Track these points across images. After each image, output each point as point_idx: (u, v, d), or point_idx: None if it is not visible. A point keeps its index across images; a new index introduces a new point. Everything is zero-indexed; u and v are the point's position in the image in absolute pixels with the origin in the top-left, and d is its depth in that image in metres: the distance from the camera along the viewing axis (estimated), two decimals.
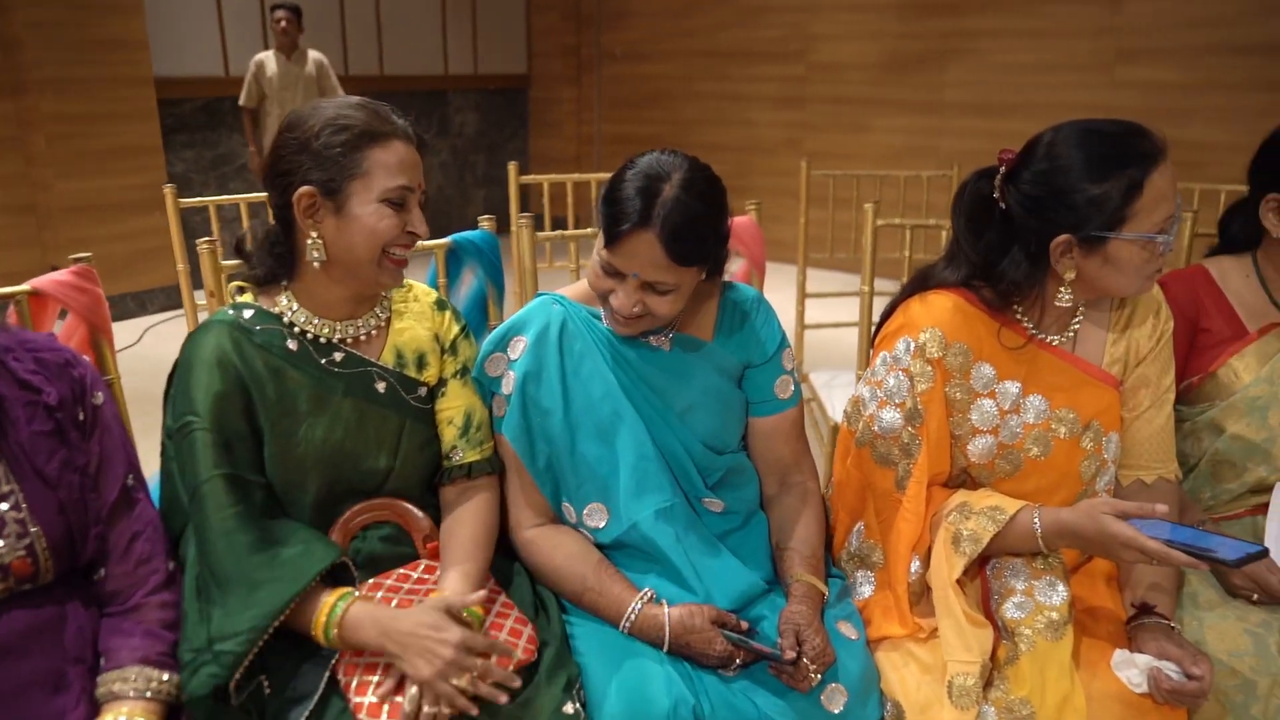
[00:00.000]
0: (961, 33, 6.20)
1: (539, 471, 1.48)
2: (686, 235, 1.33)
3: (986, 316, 1.47)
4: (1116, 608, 1.46)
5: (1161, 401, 1.50)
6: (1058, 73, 5.85)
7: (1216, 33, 5.23)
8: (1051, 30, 5.85)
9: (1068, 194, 1.34)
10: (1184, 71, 5.36)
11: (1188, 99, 5.33)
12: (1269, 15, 5.07)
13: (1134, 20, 5.52)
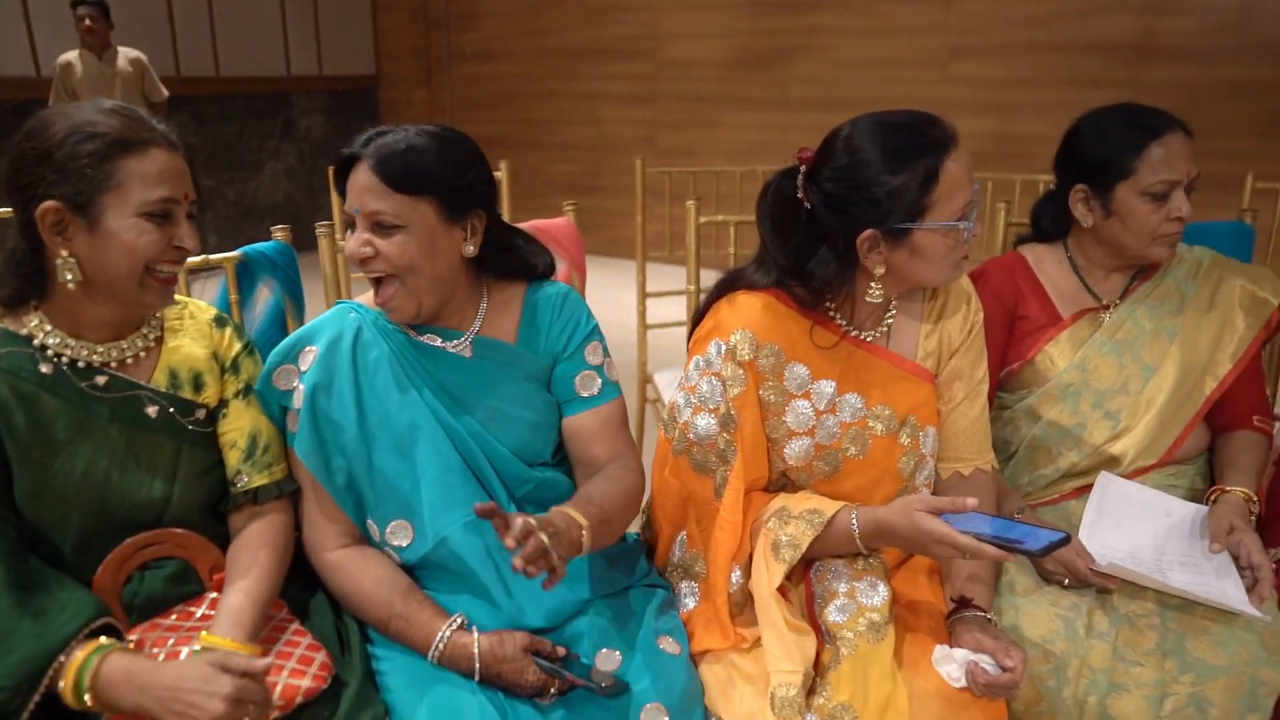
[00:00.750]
0: (806, 30, 6.31)
1: (339, 489, 1.38)
2: (396, 159, 1.30)
3: (799, 315, 1.44)
4: (938, 602, 1.45)
5: (975, 393, 1.51)
6: (897, 68, 6.02)
7: (1039, 31, 5.47)
8: (889, 28, 6.02)
9: (867, 188, 1.32)
10: (1011, 68, 5.59)
11: (1016, 93, 5.56)
12: (1085, 16, 5.33)
13: (963, 19, 5.73)
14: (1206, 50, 5.08)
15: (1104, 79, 5.33)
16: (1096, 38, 5.33)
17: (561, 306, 1.48)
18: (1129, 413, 1.63)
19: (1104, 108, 1.64)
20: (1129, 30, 5.26)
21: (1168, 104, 4.94)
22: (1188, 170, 1.56)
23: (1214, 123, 5.11)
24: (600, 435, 1.47)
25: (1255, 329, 1.64)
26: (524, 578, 1.35)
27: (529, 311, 1.47)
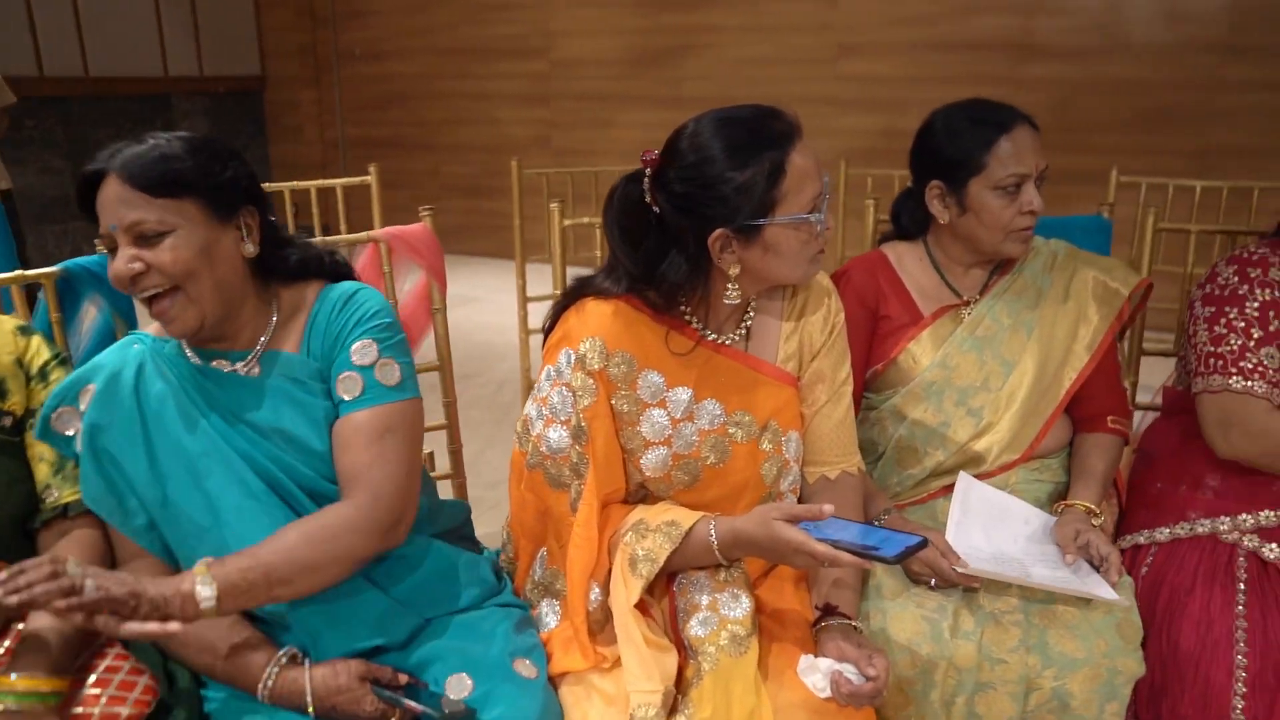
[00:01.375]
0: (698, 28, 6.32)
1: (139, 531, 1.28)
2: (147, 164, 1.22)
3: (652, 321, 1.39)
4: (805, 611, 1.42)
5: (839, 395, 1.49)
6: (786, 66, 6.08)
7: (924, 30, 5.58)
8: (779, 26, 6.07)
9: (714, 186, 1.28)
10: (898, 66, 5.69)
11: (904, 91, 5.65)
12: (967, 15, 5.45)
13: (850, 18, 5.81)
14: (1079, 49, 5.25)
15: (986, 76, 5.45)
16: (978, 36, 5.46)
17: (344, 305, 1.36)
18: (991, 409, 1.63)
19: (954, 104, 1.64)
20: (1008, 29, 5.40)
21: (1044, 100, 5.12)
22: (1036, 164, 1.56)
23: (1086, 118, 5.30)
24: (351, 445, 1.29)
25: (1108, 320, 1.66)
26: (347, 603, 1.30)
27: (314, 317, 1.37)
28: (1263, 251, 1.63)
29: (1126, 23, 5.14)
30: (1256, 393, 1.55)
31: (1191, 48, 5.02)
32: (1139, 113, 5.17)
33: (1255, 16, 4.87)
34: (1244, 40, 4.91)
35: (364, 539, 1.26)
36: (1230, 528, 1.61)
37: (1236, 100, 4.91)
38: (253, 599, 1.18)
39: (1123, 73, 5.17)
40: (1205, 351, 1.61)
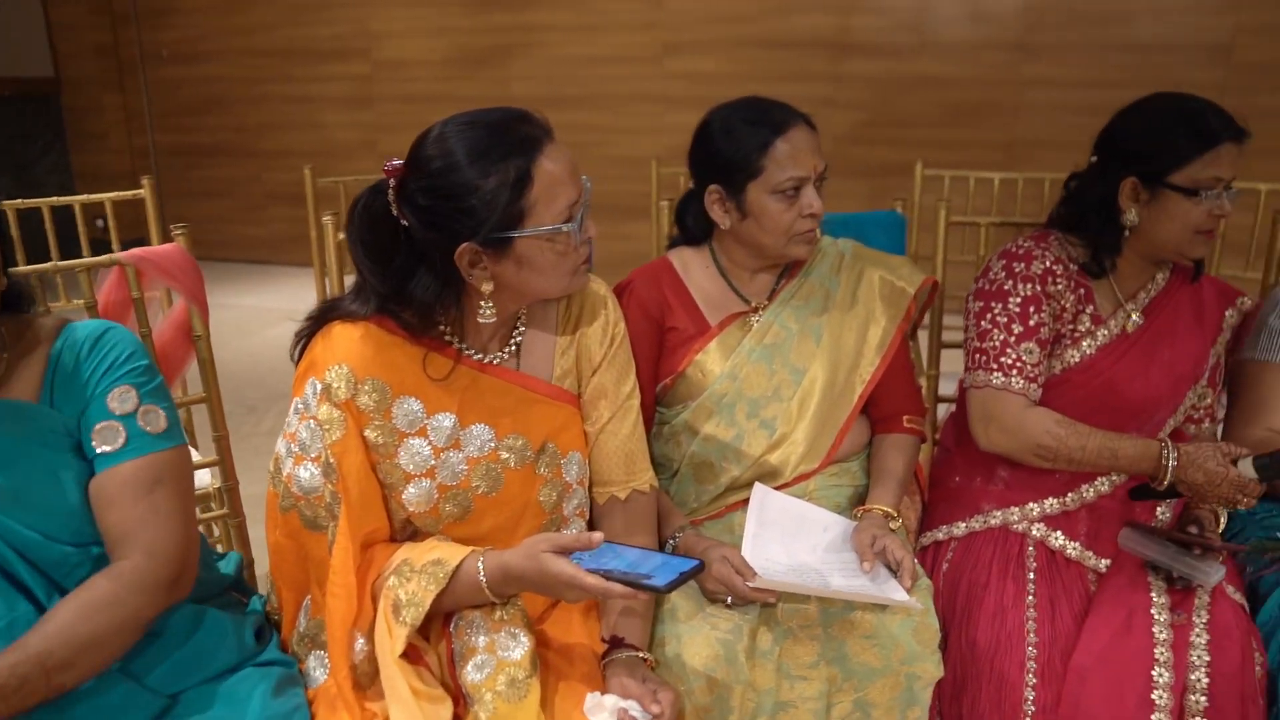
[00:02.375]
0: (523, 27, 6.20)
1: None
2: None
3: (408, 343, 1.27)
4: (595, 643, 1.34)
5: (624, 410, 1.41)
6: (614, 65, 6.03)
7: (746, 28, 5.63)
8: (604, 24, 6.01)
9: (457, 197, 1.17)
10: (722, 63, 5.72)
11: (728, 88, 5.53)
12: (787, 13, 5.53)
13: (674, 16, 5.81)
14: (893, 47, 5.40)
15: (806, 73, 5.55)
16: (799, 34, 5.54)
17: (92, 348, 1.21)
18: (784, 420, 1.58)
19: (730, 103, 1.59)
20: (826, 27, 5.50)
21: (863, 96, 5.22)
22: (815, 165, 1.52)
23: (903, 114, 5.46)
24: (118, 502, 1.16)
25: (896, 320, 1.64)
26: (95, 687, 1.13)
27: (55, 362, 1.20)
28: (1028, 245, 1.64)
29: (935, 22, 5.32)
30: (1014, 389, 1.57)
31: (993, 46, 5.24)
32: (951, 108, 5.37)
33: (1048, 17, 5.12)
34: (1039, 40, 5.16)
35: (149, 599, 1.14)
36: (1020, 518, 1.63)
37: (1037, 96, 5.16)
38: (28, 697, 1.03)
39: (934, 70, 5.35)
40: (972, 347, 1.62)
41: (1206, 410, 1.73)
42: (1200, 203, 1.52)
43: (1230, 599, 1.51)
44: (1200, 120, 1.51)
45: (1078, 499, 1.62)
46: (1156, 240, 1.59)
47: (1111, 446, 1.53)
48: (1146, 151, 1.55)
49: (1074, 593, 1.54)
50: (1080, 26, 5.10)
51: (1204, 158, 1.51)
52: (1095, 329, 1.63)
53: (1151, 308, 1.65)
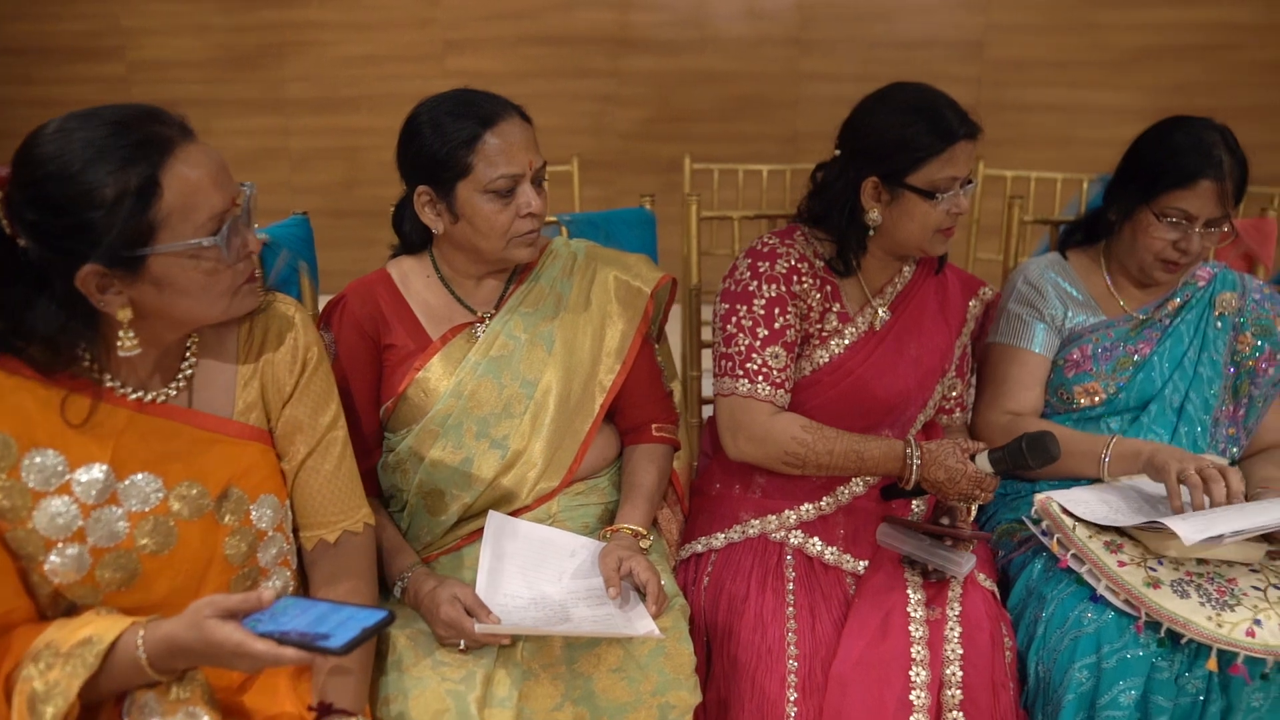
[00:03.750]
0: (294, 25, 5.83)
1: None
2: None
3: (43, 386, 1.06)
4: (305, 711, 1.17)
5: (326, 444, 1.24)
6: (395, 64, 5.77)
7: (528, 24, 5.49)
8: (380, 22, 5.74)
9: (71, 210, 0.97)
10: (505, 60, 5.57)
11: (512, 86, 5.39)
12: (568, 9, 5.43)
13: (452, 13, 5.61)
14: (673, 43, 5.41)
15: (590, 70, 5.48)
16: (579, 30, 5.46)
17: None
18: (517, 437, 1.45)
19: (440, 95, 1.45)
20: (607, 23, 5.45)
21: (646, 92, 5.17)
22: (529, 161, 1.40)
23: (686, 109, 5.48)
24: None
25: (635, 321, 1.55)
26: None
27: None
28: (773, 243, 1.59)
29: (714, 18, 5.36)
30: (760, 395, 1.51)
31: (771, 42, 5.34)
32: (733, 102, 5.43)
33: (820, 13, 5.26)
34: (813, 35, 5.30)
35: None
36: (778, 526, 1.57)
37: (814, 89, 5.29)
38: None
39: (715, 65, 5.39)
40: (719, 352, 1.55)
41: (957, 401, 1.74)
42: (939, 204, 1.50)
43: (981, 588, 1.50)
44: (936, 120, 1.48)
45: (834, 502, 1.58)
46: (899, 239, 1.56)
47: (858, 449, 1.49)
48: (885, 153, 1.50)
49: (834, 599, 1.49)
50: (849, 23, 5.26)
51: (940, 158, 1.48)
52: (843, 327, 1.59)
53: (898, 302, 1.63)
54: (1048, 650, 1.43)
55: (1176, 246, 1.60)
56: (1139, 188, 1.62)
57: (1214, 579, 1.38)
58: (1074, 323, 1.72)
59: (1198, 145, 1.57)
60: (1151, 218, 1.61)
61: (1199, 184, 1.56)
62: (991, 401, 1.72)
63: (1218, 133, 1.60)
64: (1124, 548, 1.43)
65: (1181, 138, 1.59)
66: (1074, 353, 1.70)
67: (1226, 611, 1.33)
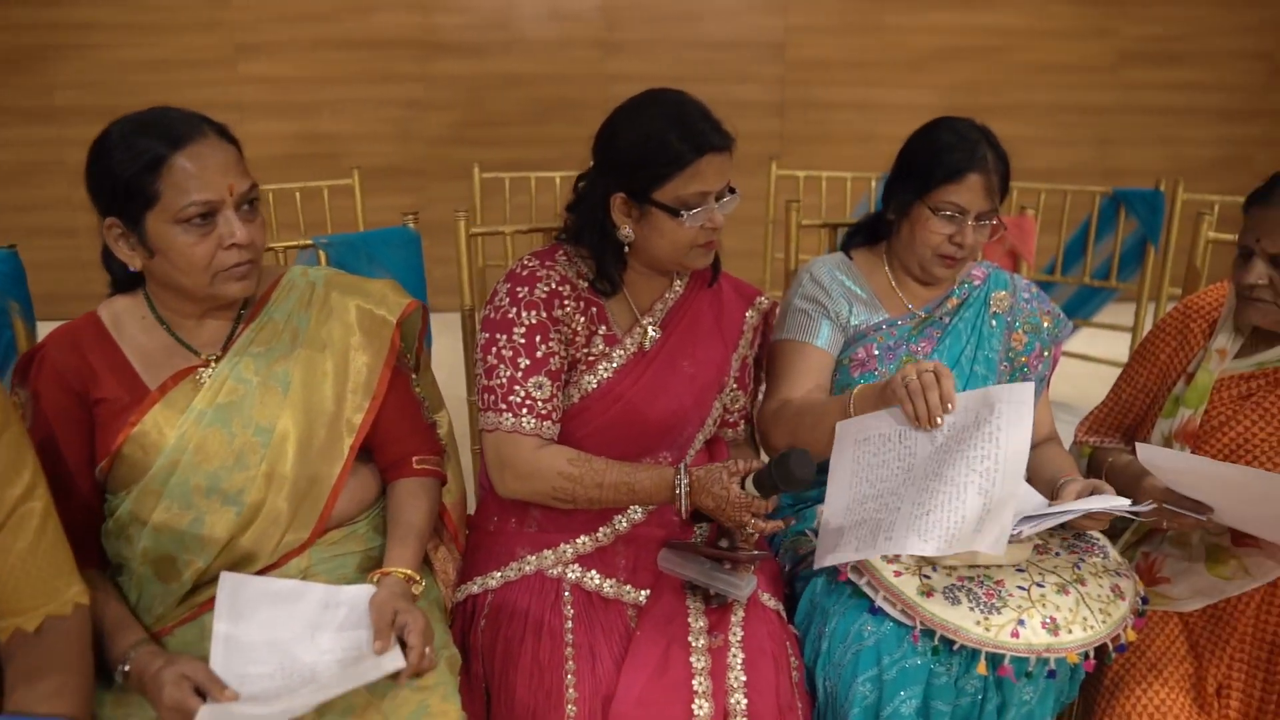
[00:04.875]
0: (65, 25, 5.37)
1: None
2: None
3: None
4: None
5: (18, 520, 1.08)
6: (180, 70, 5.40)
7: (325, 28, 5.23)
8: (164, 24, 5.36)
9: None
10: (302, 66, 5.29)
11: (313, 93, 5.28)
12: (367, 12, 5.21)
13: (243, 14, 5.29)
14: (480, 45, 5.28)
15: (396, 74, 5.28)
16: (382, 34, 5.25)
17: None
18: (253, 490, 1.30)
19: (135, 113, 1.28)
20: (410, 26, 5.26)
21: (452, 97, 5.00)
22: (231, 185, 1.24)
23: (494, 113, 5.37)
24: None
25: (382, 353, 1.43)
26: None
27: None
28: (533, 266, 1.51)
29: (520, 20, 5.26)
30: (524, 430, 1.43)
31: (578, 44, 5.29)
32: (543, 106, 5.35)
33: (626, 15, 5.25)
34: (621, 37, 5.28)
35: None
36: (554, 561, 1.49)
37: (624, 91, 5.24)
38: None
39: (524, 68, 5.29)
40: (481, 385, 1.47)
41: (741, 414, 1.71)
42: (685, 222, 1.45)
43: (765, 609, 1.47)
44: (684, 134, 1.42)
45: (611, 532, 1.52)
46: (654, 256, 1.51)
47: (628, 480, 1.43)
48: (630, 168, 1.44)
49: (615, 634, 1.43)
50: (655, 24, 5.27)
51: (686, 173, 1.42)
52: (611, 350, 1.52)
53: (669, 319, 1.58)
54: (833, 665, 1.42)
55: (952, 240, 1.64)
56: (913, 185, 1.66)
57: (983, 582, 1.39)
58: (859, 320, 1.72)
59: (963, 142, 1.62)
60: (927, 212, 1.64)
61: (968, 177, 1.60)
62: (770, 394, 1.71)
63: (980, 131, 1.66)
64: (900, 557, 1.43)
65: (948, 136, 1.64)
66: (859, 351, 1.70)
67: (994, 615, 1.34)
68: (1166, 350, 1.68)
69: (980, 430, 1.33)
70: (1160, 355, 1.69)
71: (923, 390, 1.36)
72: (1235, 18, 5.64)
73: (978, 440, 1.32)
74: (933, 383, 1.36)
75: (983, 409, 1.34)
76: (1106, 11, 5.52)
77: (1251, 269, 1.49)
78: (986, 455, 1.31)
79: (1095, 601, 1.39)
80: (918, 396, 1.36)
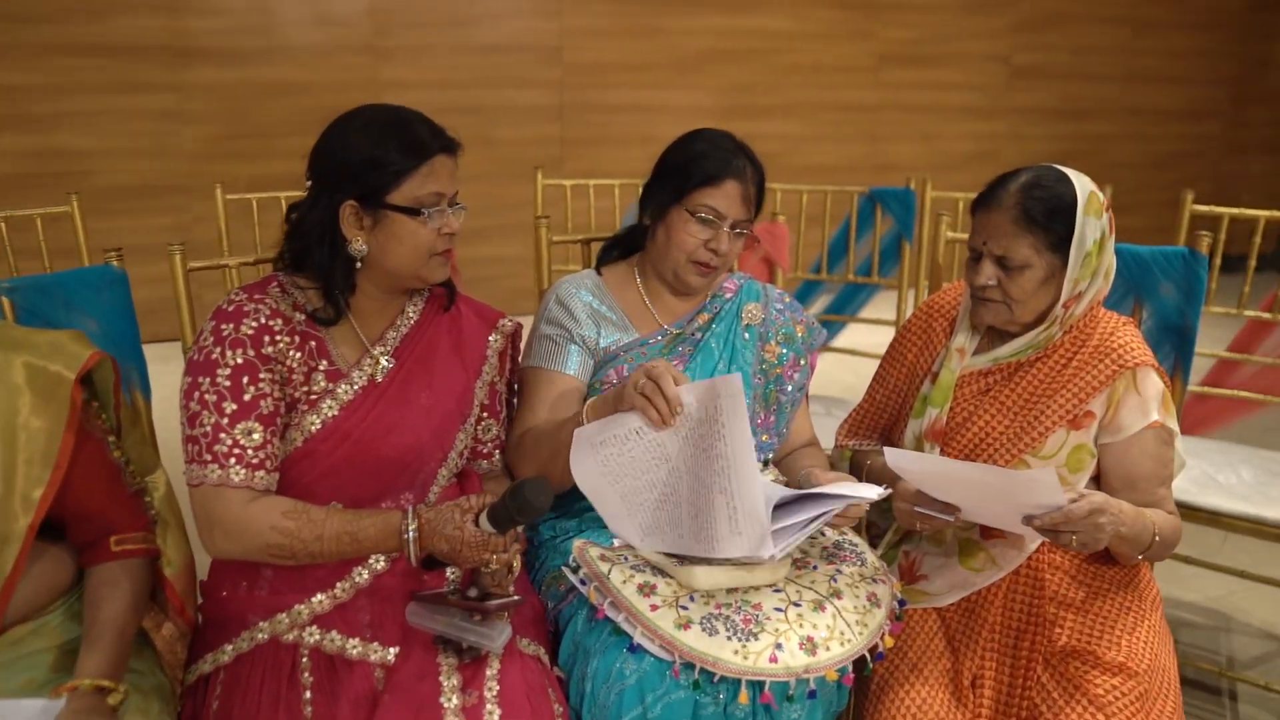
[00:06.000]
0: None
1: None
2: None
3: None
4: None
5: None
6: None
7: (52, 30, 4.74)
8: None
9: None
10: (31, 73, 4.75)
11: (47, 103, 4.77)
12: (104, 14, 4.75)
13: None
14: (239, 51, 4.94)
15: (143, 83, 4.86)
16: (123, 39, 4.81)
17: None
18: None
19: None
20: (156, 30, 4.85)
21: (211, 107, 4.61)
22: None
23: (260, 124, 5.04)
24: None
25: (62, 416, 1.22)
26: None
27: None
28: (239, 300, 1.37)
29: (282, 25, 4.96)
30: (233, 482, 1.30)
31: (346, 49, 5.05)
32: (313, 115, 5.02)
33: (396, 20, 5.05)
34: (391, 43, 5.08)
35: None
36: (289, 625, 1.35)
37: (397, 98, 5.00)
38: None
39: (290, 75, 5.00)
40: (184, 434, 1.31)
41: (495, 444, 1.62)
42: (426, 222, 1.38)
43: (524, 656, 1.39)
44: (409, 133, 1.39)
45: (351, 586, 1.39)
46: (391, 269, 1.42)
47: (351, 530, 1.32)
48: (360, 173, 1.37)
49: (359, 701, 1.30)
50: (427, 30, 5.11)
51: (420, 173, 1.38)
52: (335, 386, 1.40)
53: (404, 348, 1.48)
54: (598, 707, 1.35)
55: (708, 246, 1.65)
56: (671, 189, 1.66)
57: (741, 608, 1.36)
58: (608, 342, 1.67)
59: (722, 151, 1.65)
60: (685, 215, 1.64)
61: (725, 183, 1.63)
62: (516, 424, 1.64)
63: (737, 143, 1.69)
64: (657, 588, 1.38)
65: (705, 145, 1.67)
66: (610, 374, 1.65)
67: (751, 641, 1.31)
68: (912, 350, 1.72)
69: (713, 426, 1.35)
70: (907, 356, 1.73)
71: (653, 393, 1.38)
72: (977, 23, 6.07)
73: (713, 438, 1.35)
74: (655, 390, 1.37)
75: (709, 402, 1.36)
76: (865, 15, 5.81)
77: (981, 270, 1.54)
78: (721, 454, 1.34)
79: (852, 614, 1.39)
80: (655, 398, 1.37)
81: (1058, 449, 1.55)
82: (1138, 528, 1.46)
